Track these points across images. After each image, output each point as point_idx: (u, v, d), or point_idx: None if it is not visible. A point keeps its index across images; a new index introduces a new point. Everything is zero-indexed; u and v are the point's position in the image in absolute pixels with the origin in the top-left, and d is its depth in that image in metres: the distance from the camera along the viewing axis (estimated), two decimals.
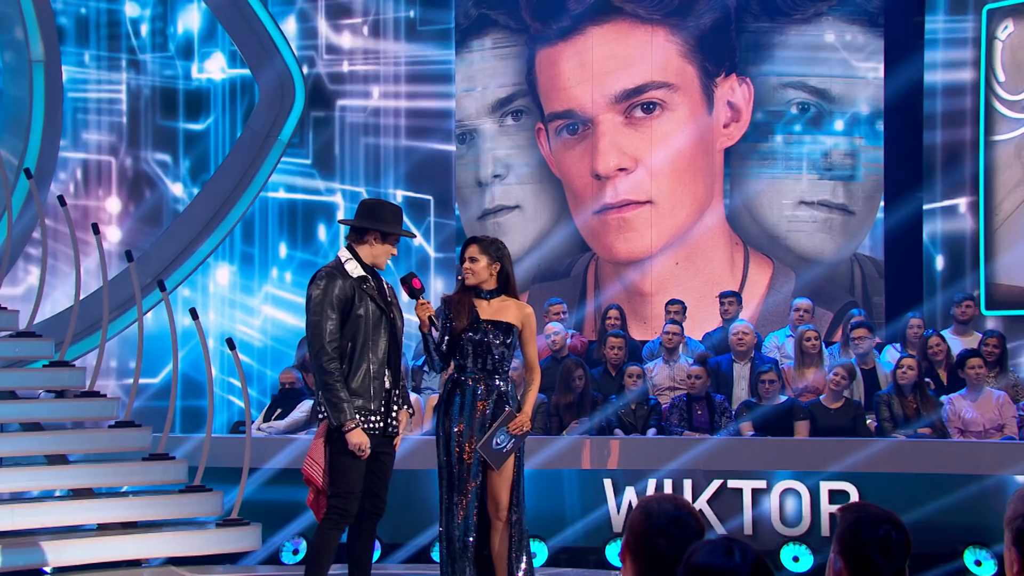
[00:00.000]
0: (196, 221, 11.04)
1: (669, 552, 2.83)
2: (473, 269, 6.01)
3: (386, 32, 12.60)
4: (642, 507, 2.92)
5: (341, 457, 5.73)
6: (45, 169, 10.17)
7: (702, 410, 9.08)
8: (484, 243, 6.08)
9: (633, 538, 2.89)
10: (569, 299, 11.17)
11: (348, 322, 5.75)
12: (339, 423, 5.68)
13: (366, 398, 5.74)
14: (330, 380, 5.68)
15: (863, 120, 11.29)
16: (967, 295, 10.28)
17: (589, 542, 8.41)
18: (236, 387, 11.37)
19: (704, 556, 2.43)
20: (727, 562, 2.41)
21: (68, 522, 7.71)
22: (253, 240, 12.54)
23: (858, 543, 2.93)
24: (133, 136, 12.26)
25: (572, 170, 11.75)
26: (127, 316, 10.34)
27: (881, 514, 2.98)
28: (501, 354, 5.98)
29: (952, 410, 8.79)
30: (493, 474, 5.92)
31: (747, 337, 9.65)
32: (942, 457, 8.30)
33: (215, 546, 7.76)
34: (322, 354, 5.70)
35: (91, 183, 12.13)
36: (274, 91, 11.43)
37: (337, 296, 5.74)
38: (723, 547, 2.44)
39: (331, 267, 5.86)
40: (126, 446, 8.18)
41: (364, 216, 5.91)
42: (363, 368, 5.74)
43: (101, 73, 12.27)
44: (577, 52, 11.72)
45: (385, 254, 5.88)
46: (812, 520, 8.21)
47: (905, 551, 2.95)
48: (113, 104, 12.31)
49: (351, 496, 5.76)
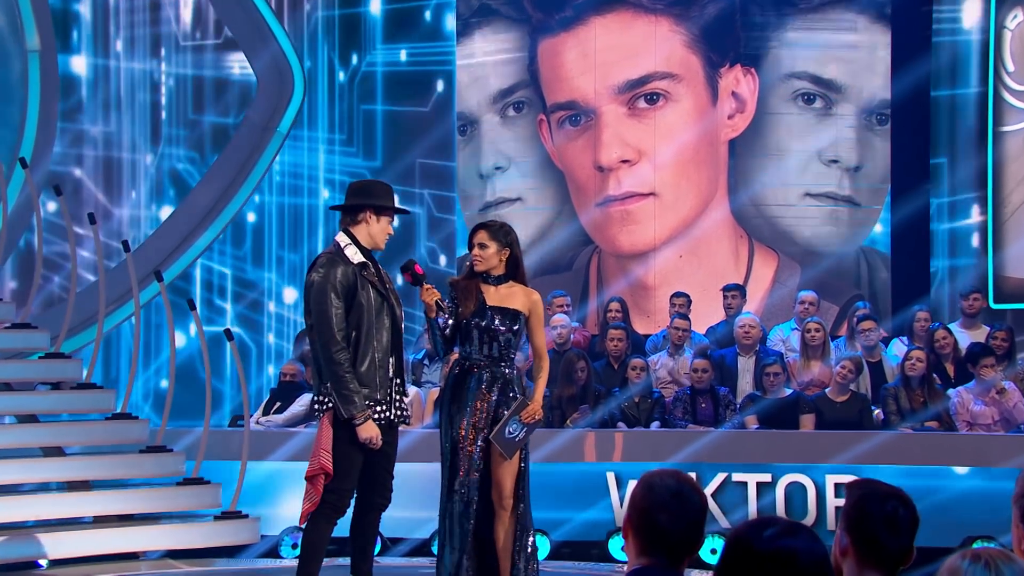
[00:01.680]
0: (194, 213, 11.03)
1: (671, 527, 2.82)
2: (482, 256, 5.97)
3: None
4: (644, 482, 2.91)
5: (347, 449, 5.65)
6: (40, 159, 10.17)
7: (706, 403, 9.07)
8: (493, 228, 6.06)
9: (635, 513, 2.88)
10: (572, 293, 11.14)
11: (351, 310, 5.68)
12: (350, 416, 5.60)
13: (372, 387, 5.68)
14: (340, 371, 5.60)
15: (870, 111, 11.27)
16: (975, 288, 10.26)
17: (592, 536, 8.41)
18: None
19: (777, 538, 2.40)
20: (808, 544, 2.40)
21: (64, 515, 7.72)
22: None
23: (864, 520, 2.92)
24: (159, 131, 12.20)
25: (575, 162, 11.74)
26: (126, 308, 10.34)
27: (888, 490, 2.96)
28: (507, 341, 5.96)
29: (960, 403, 8.78)
30: (498, 463, 5.89)
31: (753, 330, 9.64)
32: (949, 450, 8.29)
33: (213, 539, 7.76)
34: (332, 344, 5.61)
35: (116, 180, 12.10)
36: (273, 81, 11.42)
37: (340, 282, 5.66)
38: (788, 526, 2.42)
39: (331, 252, 5.79)
40: (123, 438, 8.18)
41: (355, 196, 5.87)
42: (368, 357, 5.69)
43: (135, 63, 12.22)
44: (580, 42, 11.70)
45: (382, 232, 5.84)
46: (818, 514, 8.20)
47: (912, 528, 2.93)
48: (146, 95, 12.26)
49: (349, 492, 5.74)
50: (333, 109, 12.57)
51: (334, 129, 12.57)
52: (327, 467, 5.64)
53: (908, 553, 2.92)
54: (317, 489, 5.69)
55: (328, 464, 5.64)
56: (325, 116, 12.59)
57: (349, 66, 12.60)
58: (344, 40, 12.60)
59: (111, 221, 11.79)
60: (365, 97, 12.55)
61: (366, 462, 5.74)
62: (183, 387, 9.12)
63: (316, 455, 5.70)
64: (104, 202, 11.90)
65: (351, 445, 5.66)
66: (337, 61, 12.58)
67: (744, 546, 2.45)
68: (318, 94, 12.49)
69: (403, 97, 12.47)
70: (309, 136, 12.46)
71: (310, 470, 5.70)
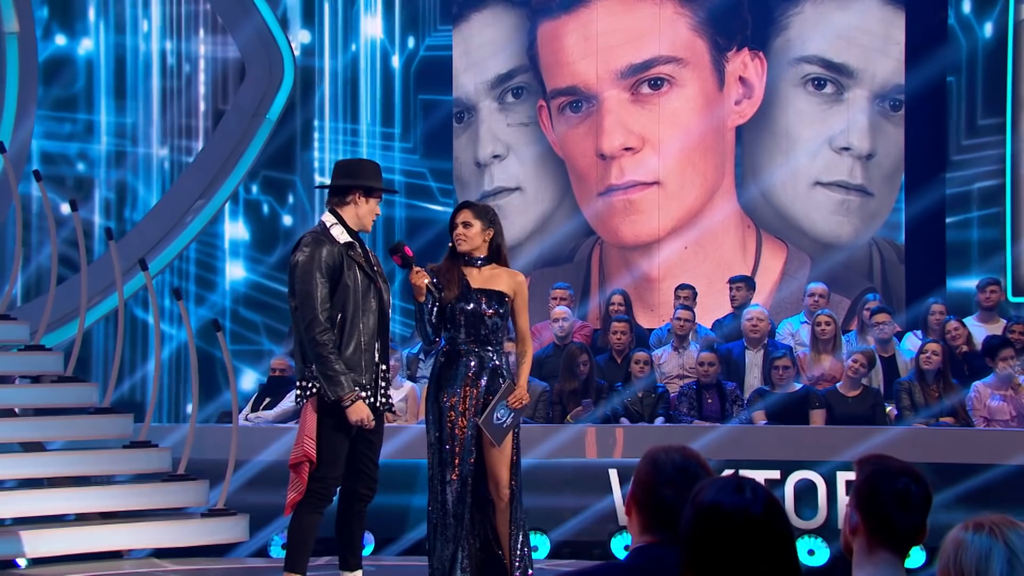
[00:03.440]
0: (180, 203, 11.06)
1: (676, 503, 2.84)
2: (466, 235, 5.99)
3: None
4: (649, 457, 2.94)
5: (333, 435, 5.68)
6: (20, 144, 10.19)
7: (712, 398, 9.10)
8: (477, 208, 6.09)
9: (639, 489, 2.91)
10: (573, 285, 11.16)
11: (336, 291, 5.70)
12: (336, 397, 5.61)
13: (357, 372, 5.70)
14: (324, 352, 5.62)
15: (883, 96, 11.29)
16: (992, 280, 10.28)
17: (593, 535, 8.43)
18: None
19: (713, 494, 2.44)
20: (738, 499, 2.42)
21: (44, 512, 7.73)
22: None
23: (875, 496, 2.94)
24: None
25: (576, 150, 11.76)
26: (111, 300, 10.35)
27: (900, 467, 2.99)
28: (494, 324, 5.98)
29: (977, 397, 8.80)
30: (491, 452, 5.91)
31: (761, 323, 9.66)
32: (965, 446, 8.31)
33: (200, 537, 7.78)
34: (315, 325, 5.64)
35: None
36: (260, 62, 11.43)
37: (325, 262, 5.68)
38: (733, 484, 2.45)
39: (316, 232, 5.81)
40: (106, 434, 8.20)
41: (343, 175, 5.89)
42: (354, 341, 5.70)
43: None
44: (581, 25, 11.72)
45: (371, 213, 5.87)
46: (828, 512, 8.22)
47: (925, 505, 2.95)
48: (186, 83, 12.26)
49: (335, 480, 5.76)
50: (391, 98, 12.42)
51: (391, 122, 12.44)
52: (311, 454, 5.67)
53: (920, 531, 2.94)
54: (302, 478, 5.70)
55: (312, 451, 5.66)
56: (378, 106, 12.47)
57: (405, 50, 12.54)
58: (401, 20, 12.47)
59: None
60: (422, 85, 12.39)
61: (350, 451, 5.76)
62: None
63: (300, 442, 5.72)
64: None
65: (337, 431, 5.68)
66: (391, 44, 12.50)
67: (691, 502, 2.50)
68: (367, 80, 12.39)
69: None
70: (352, 129, 12.37)
71: (293, 457, 5.74)
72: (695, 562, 2.43)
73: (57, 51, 12.00)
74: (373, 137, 12.38)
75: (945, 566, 2.65)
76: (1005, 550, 2.59)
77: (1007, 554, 2.59)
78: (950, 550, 2.64)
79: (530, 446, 7.83)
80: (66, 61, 11.99)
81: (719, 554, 2.41)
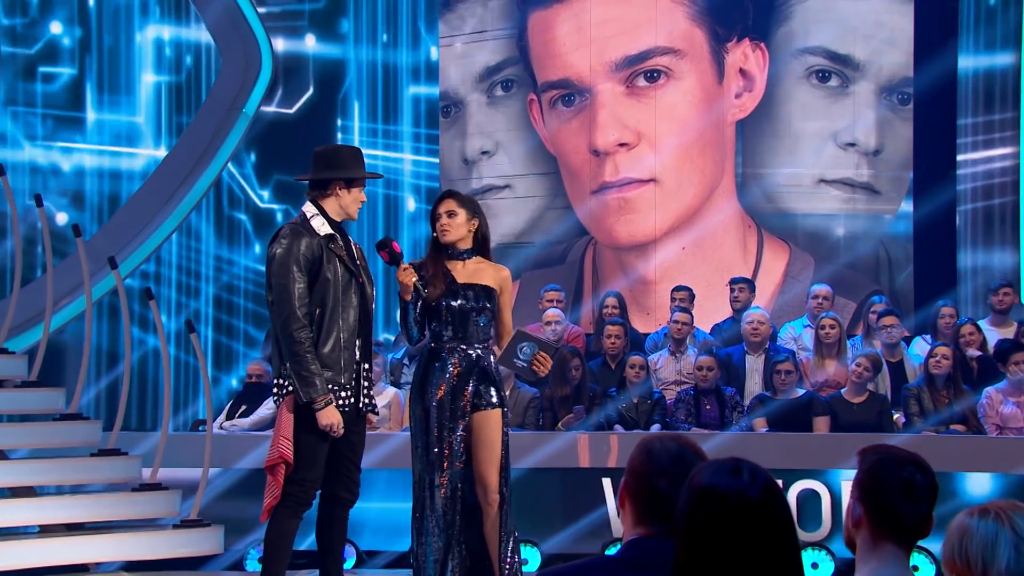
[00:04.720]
0: (153, 199, 11.04)
1: (671, 493, 2.84)
2: (451, 224, 5.97)
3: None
4: (643, 446, 2.93)
5: (308, 437, 5.66)
6: None
7: (711, 405, 9.10)
8: (461, 197, 6.08)
9: (633, 479, 2.91)
10: (565, 288, 11.18)
11: (315, 285, 5.68)
12: (309, 399, 5.60)
13: (336, 371, 5.69)
14: (300, 351, 5.61)
15: (890, 90, 11.32)
16: (1005, 282, 10.31)
17: (586, 547, 8.42)
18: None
19: (709, 476, 2.44)
20: (735, 482, 2.42)
21: (7, 523, 7.69)
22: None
23: (879, 487, 2.94)
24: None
25: (568, 145, 11.78)
26: (80, 302, 10.33)
27: (905, 456, 2.99)
28: (480, 320, 5.98)
29: (989, 403, 8.82)
30: (480, 456, 5.88)
31: (762, 327, 9.67)
32: (976, 454, 8.32)
33: (173, 549, 7.73)
34: (291, 321, 5.62)
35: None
36: (234, 47, 11.43)
37: (303, 254, 5.67)
38: (730, 466, 2.45)
39: (295, 223, 5.79)
40: (73, 441, 8.17)
41: (322, 166, 5.86)
42: (332, 337, 5.69)
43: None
44: (574, 15, 11.75)
45: (355, 203, 5.86)
46: (833, 523, 8.23)
47: (931, 495, 2.95)
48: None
49: (313, 483, 5.74)
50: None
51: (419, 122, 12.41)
52: (287, 455, 5.65)
53: (927, 522, 2.94)
54: (278, 481, 5.68)
55: (288, 452, 5.64)
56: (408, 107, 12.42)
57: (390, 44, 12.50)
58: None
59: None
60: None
61: (330, 453, 5.74)
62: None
63: (276, 443, 5.69)
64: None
65: (314, 432, 5.65)
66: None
67: (687, 486, 2.50)
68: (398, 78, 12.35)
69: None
70: (384, 130, 12.35)
71: (269, 459, 5.71)
72: (690, 548, 2.43)
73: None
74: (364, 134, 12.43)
75: (950, 553, 2.65)
76: (1012, 535, 2.60)
77: (1014, 539, 2.60)
78: (955, 537, 2.65)
79: (520, 454, 7.83)
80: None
81: (715, 540, 2.40)
